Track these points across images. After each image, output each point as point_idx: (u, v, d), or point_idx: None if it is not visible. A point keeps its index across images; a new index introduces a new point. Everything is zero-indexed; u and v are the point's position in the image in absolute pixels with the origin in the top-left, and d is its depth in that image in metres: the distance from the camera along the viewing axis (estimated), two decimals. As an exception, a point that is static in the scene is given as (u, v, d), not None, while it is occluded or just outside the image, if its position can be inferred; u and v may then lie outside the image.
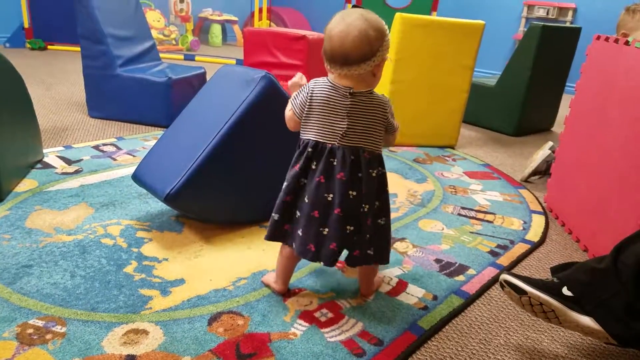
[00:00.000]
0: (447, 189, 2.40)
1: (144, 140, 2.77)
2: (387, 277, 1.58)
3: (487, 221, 2.07)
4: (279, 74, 3.04)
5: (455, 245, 1.84)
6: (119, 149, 2.59)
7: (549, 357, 1.30)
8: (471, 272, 1.66)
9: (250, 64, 3.47)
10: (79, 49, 3.13)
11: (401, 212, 2.08)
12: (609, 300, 1.16)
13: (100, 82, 3.07)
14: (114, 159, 2.43)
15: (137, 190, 2.05)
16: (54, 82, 4.07)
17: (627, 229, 1.41)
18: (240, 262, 1.61)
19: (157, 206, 1.94)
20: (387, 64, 2.96)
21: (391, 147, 2.95)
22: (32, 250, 1.58)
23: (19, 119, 2.12)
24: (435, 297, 1.50)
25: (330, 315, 1.37)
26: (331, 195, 1.25)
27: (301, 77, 1.42)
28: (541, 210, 2.23)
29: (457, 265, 1.70)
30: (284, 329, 1.30)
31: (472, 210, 2.17)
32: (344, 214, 1.25)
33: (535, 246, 1.89)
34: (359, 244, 1.30)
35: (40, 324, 1.25)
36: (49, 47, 5.69)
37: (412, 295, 1.50)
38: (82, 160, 2.38)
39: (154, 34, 6.14)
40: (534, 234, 1.98)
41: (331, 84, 1.26)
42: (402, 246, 1.79)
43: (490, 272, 1.66)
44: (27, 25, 5.55)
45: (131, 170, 1.93)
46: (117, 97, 3.05)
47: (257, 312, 1.36)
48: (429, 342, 1.32)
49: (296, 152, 1.31)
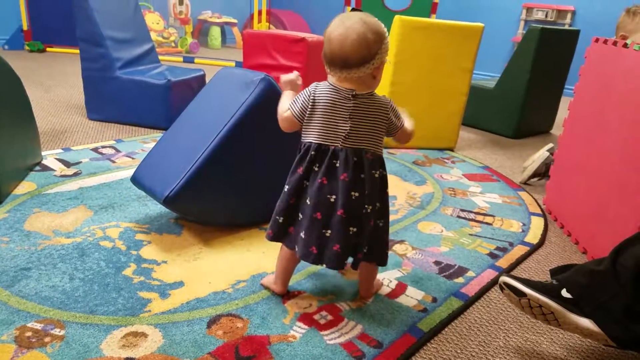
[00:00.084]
0: (447, 191, 2.40)
1: (143, 142, 2.77)
2: (387, 279, 1.58)
3: (487, 223, 2.07)
4: (278, 77, 3.03)
5: (454, 247, 1.84)
6: (118, 151, 2.59)
7: (548, 359, 1.30)
8: (470, 274, 1.66)
9: (249, 67, 3.47)
10: (77, 51, 3.13)
11: (400, 214, 2.08)
12: (608, 302, 1.16)
13: (99, 84, 3.07)
14: (113, 162, 2.43)
15: (136, 192, 2.05)
16: (53, 85, 4.07)
17: (626, 231, 1.41)
18: (239, 264, 1.60)
19: (156, 208, 1.94)
20: (387, 66, 2.96)
21: (391, 150, 2.95)
22: (31, 252, 1.57)
23: (18, 121, 2.12)
24: (434, 300, 1.50)
25: (329, 317, 1.37)
26: (334, 196, 1.25)
27: (297, 77, 1.42)
28: (540, 212, 2.23)
29: (456, 267, 1.70)
30: (283, 331, 1.30)
31: (471, 212, 2.17)
32: (347, 215, 1.25)
33: (534, 248, 1.89)
34: (361, 246, 1.30)
35: (38, 326, 1.25)
36: (48, 49, 5.69)
37: (412, 297, 1.50)
38: (81, 162, 2.38)
39: (153, 36, 6.14)
40: (533, 236, 1.98)
41: (333, 86, 1.26)
42: (402, 248, 1.79)
43: (489, 275, 1.66)
44: (25, 27, 5.55)
45: (130, 172, 1.93)
46: (116, 99, 3.05)
47: (257, 314, 1.36)
48: (429, 344, 1.32)
49: (298, 155, 1.30)
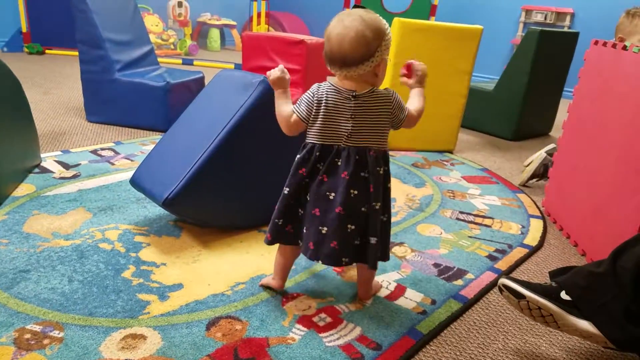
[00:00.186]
0: (446, 193, 2.40)
1: (142, 144, 2.77)
2: (386, 281, 1.58)
3: (486, 225, 2.07)
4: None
5: (453, 249, 1.84)
6: (117, 153, 2.59)
7: (547, 361, 1.31)
8: (469, 276, 1.66)
9: (248, 69, 3.47)
10: (77, 53, 3.13)
11: (400, 216, 2.08)
12: (607, 304, 1.16)
13: (98, 86, 3.06)
14: (112, 164, 2.43)
15: (135, 194, 2.04)
16: (52, 87, 4.07)
17: (625, 233, 1.41)
18: (238, 266, 1.60)
19: (155, 211, 1.94)
20: (388, 68, 2.95)
21: (390, 151, 2.95)
22: (30, 255, 1.57)
23: (17, 123, 2.12)
24: (433, 302, 1.50)
25: (328, 319, 1.37)
26: (333, 193, 1.26)
27: (283, 71, 1.34)
28: (539, 214, 2.23)
29: (455, 269, 1.70)
30: (282, 333, 1.30)
31: (470, 214, 2.17)
32: (346, 212, 1.26)
33: (533, 250, 1.89)
34: (371, 246, 1.30)
35: (37, 329, 1.24)
36: (47, 51, 5.69)
37: (411, 299, 1.50)
38: (80, 164, 2.38)
39: (153, 38, 6.15)
40: (532, 238, 1.98)
41: (334, 87, 1.26)
42: (401, 250, 1.79)
43: (488, 277, 1.66)
44: (25, 29, 5.55)
45: (129, 174, 1.93)
46: (115, 101, 3.05)
47: (256, 316, 1.36)
48: (428, 346, 1.31)
49: (300, 155, 1.30)
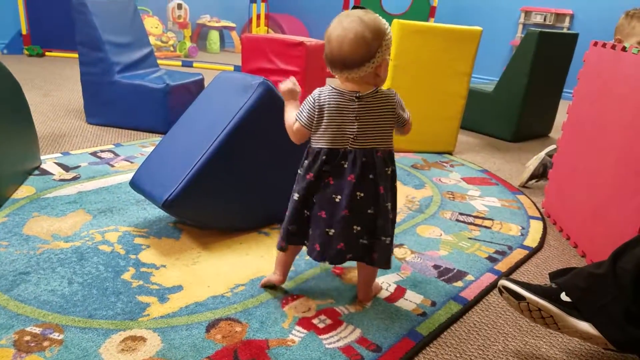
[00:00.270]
0: (445, 194, 2.40)
1: (141, 146, 2.77)
2: (385, 283, 1.58)
3: (485, 227, 2.07)
4: (276, 81, 3.03)
5: (453, 251, 1.84)
6: (116, 155, 2.59)
7: (547, 363, 1.31)
8: (469, 278, 1.66)
9: (248, 71, 3.47)
10: (76, 55, 3.13)
11: (399, 218, 2.08)
12: (607, 305, 1.16)
13: (98, 88, 3.07)
14: (112, 166, 2.43)
15: (135, 196, 2.04)
16: (52, 89, 4.07)
17: (625, 234, 1.41)
18: (238, 268, 1.60)
19: (154, 213, 1.94)
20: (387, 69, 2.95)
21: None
22: (30, 257, 1.57)
23: (17, 125, 2.12)
24: (433, 303, 1.50)
25: (328, 321, 1.37)
26: (339, 196, 1.26)
27: (295, 83, 1.40)
28: (539, 215, 2.23)
29: (455, 271, 1.70)
30: (282, 335, 1.30)
31: (470, 216, 2.17)
32: (351, 214, 1.26)
33: (533, 252, 1.89)
34: (384, 246, 1.32)
35: (37, 331, 1.24)
36: (47, 53, 5.69)
37: (411, 301, 1.50)
38: (79, 166, 2.38)
39: (152, 40, 6.15)
40: (532, 240, 1.98)
41: (337, 90, 1.26)
42: (401, 252, 1.79)
43: (488, 278, 1.66)
44: (24, 31, 5.55)
45: (129, 176, 1.93)
46: (115, 103, 3.05)
47: (255, 318, 1.36)
48: (428, 348, 1.31)
49: (305, 161, 1.30)
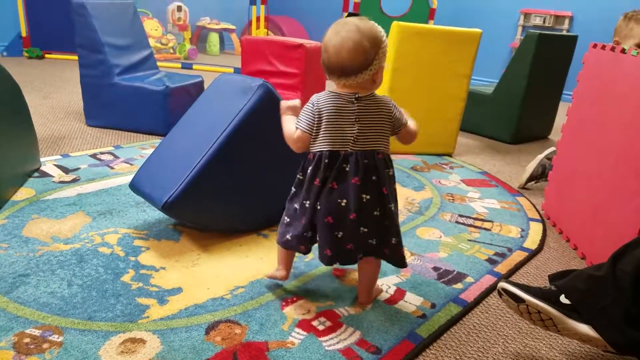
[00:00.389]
0: (445, 196, 2.40)
1: (141, 148, 2.77)
2: (385, 285, 1.58)
3: (485, 229, 2.07)
4: (276, 83, 3.04)
5: (453, 253, 1.84)
6: (116, 157, 2.59)
7: (547, 365, 1.30)
8: (469, 280, 1.66)
9: (247, 73, 3.47)
10: (76, 57, 3.13)
11: (399, 220, 2.08)
12: (607, 308, 1.16)
13: (97, 90, 3.07)
14: (112, 168, 2.43)
15: (135, 198, 2.04)
16: (52, 91, 4.07)
17: (625, 236, 1.41)
18: (238, 270, 1.60)
19: (154, 215, 1.94)
20: (385, 72, 2.96)
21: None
22: (29, 259, 1.57)
23: (16, 127, 2.12)
24: (433, 305, 1.50)
25: (328, 323, 1.37)
26: (344, 200, 1.27)
27: (299, 103, 1.40)
28: (539, 217, 2.23)
29: (455, 273, 1.70)
30: (281, 337, 1.30)
31: (469, 218, 2.17)
32: (359, 217, 1.28)
33: (533, 254, 1.89)
34: (387, 245, 1.35)
35: (37, 333, 1.24)
36: (47, 55, 5.69)
37: (410, 303, 1.50)
38: (79, 168, 2.38)
39: (152, 42, 6.15)
40: (532, 242, 1.98)
41: (335, 93, 1.27)
42: (400, 254, 1.79)
43: (488, 280, 1.66)
44: (24, 33, 5.55)
45: (129, 178, 1.93)
46: (115, 105, 3.05)
47: (255, 320, 1.36)
48: (427, 350, 1.31)
49: (309, 167, 1.30)
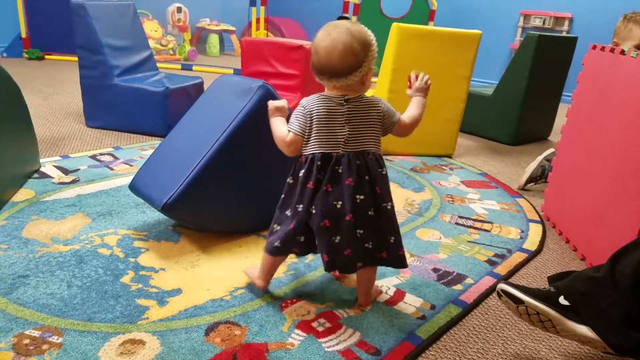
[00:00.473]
0: (445, 198, 2.40)
1: (141, 149, 2.77)
2: (385, 286, 1.58)
3: (485, 230, 2.07)
4: (276, 84, 3.04)
5: (452, 254, 1.84)
6: (116, 158, 2.59)
7: (547, 366, 1.30)
8: (469, 281, 1.66)
9: (247, 74, 3.47)
10: (76, 58, 3.13)
11: (398, 221, 2.07)
12: (606, 309, 1.16)
13: (97, 91, 3.07)
14: (111, 169, 2.43)
15: (134, 200, 2.04)
16: (51, 92, 4.07)
17: (624, 237, 1.41)
18: (237, 271, 1.60)
19: (154, 216, 1.94)
20: (385, 73, 2.95)
21: (389, 156, 2.95)
22: (29, 260, 1.57)
23: (16, 128, 2.12)
24: (433, 307, 1.50)
25: (328, 325, 1.37)
26: (340, 202, 1.27)
27: (287, 103, 1.42)
28: (538, 219, 2.23)
29: (454, 274, 1.70)
30: (281, 339, 1.30)
31: (469, 219, 2.17)
32: (355, 218, 1.28)
33: (532, 255, 1.89)
34: (385, 245, 1.35)
35: (36, 334, 1.24)
36: (47, 56, 5.69)
37: (410, 304, 1.50)
38: (79, 169, 2.38)
39: (152, 43, 6.15)
40: (532, 243, 1.98)
41: (324, 95, 1.29)
42: (400, 255, 1.79)
43: (487, 281, 1.66)
44: (24, 35, 5.55)
45: (128, 179, 1.93)
46: (115, 106, 3.05)
47: (255, 322, 1.36)
48: (427, 351, 1.31)
49: (302, 170, 1.30)
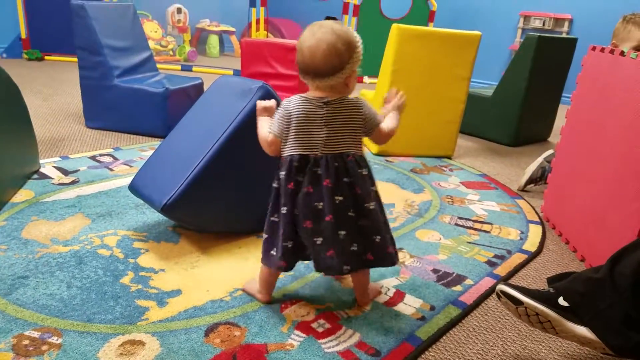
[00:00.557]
0: (444, 199, 2.40)
1: (140, 150, 2.77)
2: (385, 287, 1.58)
3: (484, 231, 2.07)
4: (276, 85, 3.04)
5: (452, 255, 1.84)
6: (115, 159, 2.59)
7: (546, 367, 1.30)
8: (468, 282, 1.66)
9: (247, 75, 3.48)
10: (76, 59, 3.14)
11: (398, 222, 2.08)
12: (605, 310, 1.16)
13: (97, 92, 3.07)
14: (111, 170, 2.43)
15: (134, 200, 2.04)
16: (51, 93, 4.07)
17: (624, 238, 1.41)
18: (237, 272, 1.60)
19: (153, 217, 1.94)
20: (385, 74, 2.95)
21: (389, 157, 2.96)
22: (29, 261, 1.57)
23: (16, 129, 2.12)
24: (432, 308, 1.50)
25: (327, 325, 1.37)
26: (321, 203, 1.27)
27: (275, 104, 1.43)
28: (538, 220, 2.24)
29: (454, 275, 1.70)
30: (281, 339, 1.30)
31: (469, 220, 2.17)
32: (335, 219, 1.28)
33: (532, 256, 1.89)
34: (377, 245, 1.33)
35: (36, 335, 1.24)
36: (46, 57, 5.69)
37: (410, 305, 1.50)
38: (78, 170, 2.38)
39: (152, 44, 6.15)
40: (531, 244, 1.98)
41: (304, 97, 1.29)
42: (400, 256, 1.77)
43: (487, 282, 1.66)
44: (24, 35, 5.55)
45: (128, 180, 1.93)
46: (114, 107, 3.05)
47: (254, 323, 1.36)
48: (427, 352, 1.31)
49: (283, 172, 1.31)
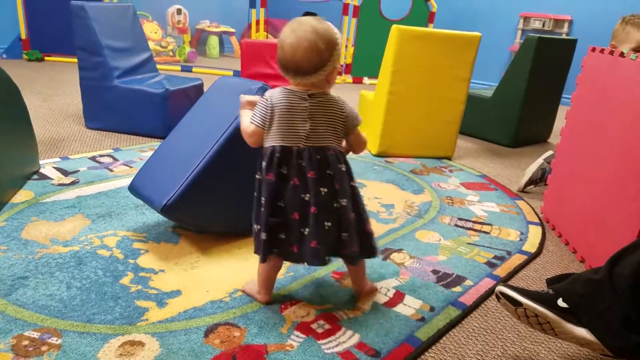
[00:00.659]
0: (444, 200, 2.40)
1: (140, 151, 2.77)
2: (384, 288, 1.58)
3: (484, 232, 2.07)
4: (275, 85, 3.05)
5: (452, 256, 1.84)
6: (115, 160, 2.59)
7: (546, 368, 1.30)
8: (468, 283, 1.66)
9: (247, 76, 3.48)
10: (76, 60, 3.14)
11: (398, 223, 2.08)
12: (604, 311, 1.16)
13: (97, 93, 3.07)
14: (111, 170, 2.43)
15: (134, 201, 2.04)
16: (51, 93, 4.07)
17: (624, 239, 1.41)
18: (237, 273, 1.60)
19: (153, 217, 1.94)
20: (385, 75, 2.95)
21: (389, 158, 2.96)
22: (28, 261, 1.57)
23: (16, 129, 2.12)
24: (432, 309, 1.50)
25: (327, 326, 1.37)
26: (307, 194, 1.28)
27: (258, 98, 1.42)
28: (538, 221, 2.24)
29: (454, 276, 1.70)
30: (280, 340, 1.30)
31: (469, 221, 2.17)
32: (319, 210, 1.28)
33: (532, 257, 1.89)
34: (343, 241, 1.33)
35: (35, 335, 1.24)
36: (46, 58, 5.69)
37: (409, 306, 1.50)
38: (78, 171, 2.38)
39: (152, 45, 6.16)
40: (531, 245, 1.98)
41: (288, 89, 1.30)
42: (399, 257, 1.79)
43: (487, 283, 1.66)
44: (24, 36, 5.56)
45: (128, 181, 1.93)
46: (114, 108, 3.05)
47: (254, 323, 1.36)
48: (426, 353, 1.31)
49: (263, 162, 1.32)
